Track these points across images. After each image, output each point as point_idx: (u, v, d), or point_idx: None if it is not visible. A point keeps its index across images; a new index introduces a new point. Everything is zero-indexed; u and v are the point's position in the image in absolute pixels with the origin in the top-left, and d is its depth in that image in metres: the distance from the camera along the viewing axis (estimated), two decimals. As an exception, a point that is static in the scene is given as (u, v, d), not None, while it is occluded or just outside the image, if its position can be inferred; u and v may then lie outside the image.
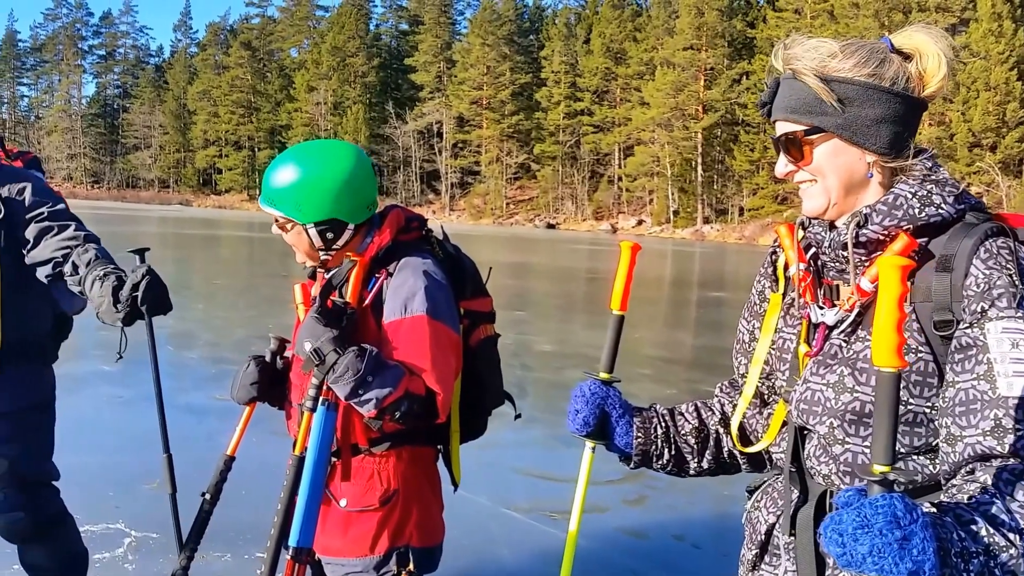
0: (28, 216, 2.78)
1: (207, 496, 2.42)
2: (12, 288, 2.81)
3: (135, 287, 2.58)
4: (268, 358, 2.37)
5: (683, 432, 1.65)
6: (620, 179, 68.28)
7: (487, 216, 72.60)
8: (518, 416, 2.45)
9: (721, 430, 1.65)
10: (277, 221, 2.15)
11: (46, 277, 2.80)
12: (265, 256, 24.90)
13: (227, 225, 44.93)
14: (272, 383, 2.35)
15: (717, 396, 1.70)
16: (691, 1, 62.08)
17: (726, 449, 1.65)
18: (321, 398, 2.05)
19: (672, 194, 62.25)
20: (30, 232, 2.78)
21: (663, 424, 1.65)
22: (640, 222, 64.97)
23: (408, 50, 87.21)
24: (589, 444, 1.70)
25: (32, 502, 2.97)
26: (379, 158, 76.63)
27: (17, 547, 3.05)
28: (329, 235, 2.11)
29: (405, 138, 78.63)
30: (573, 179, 71.56)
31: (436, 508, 2.25)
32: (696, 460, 1.65)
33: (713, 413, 1.67)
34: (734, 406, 1.63)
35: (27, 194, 2.81)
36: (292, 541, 2.02)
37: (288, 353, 2.39)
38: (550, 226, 68.24)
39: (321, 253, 2.15)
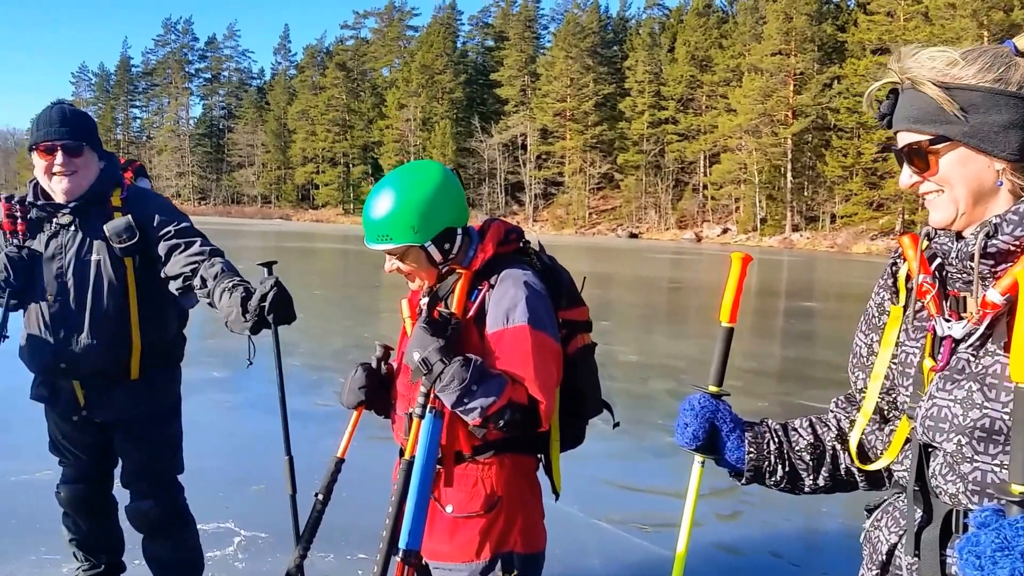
0: (158, 235, 2.97)
1: (319, 497, 2.45)
2: (147, 301, 3.03)
3: (263, 298, 2.70)
4: (374, 364, 2.42)
5: (797, 448, 1.60)
6: (705, 187, 67.39)
7: (569, 226, 72.63)
8: (616, 425, 2.45)
9: (838, 446, 1.60)
10: (392, 255, 2.19)
11: (177, 290, 2.98)
12: (359, 267, 25.47)
13: (323, 238, 46.04)
14: (378, 389, 2.41)
15: (832, 411, 1.64)
16: (779, 7, 60.90)
17: (843, 466, 1.60)
18: (428, 406, 2.09)
19: (759, 201, 61.06)
20: (161, 249, 2.96)
21: (776, 439, 1.61)
22: (725, 230, 63.90)
23: (493, 65, 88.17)
24: (698, 459, 1.67)
25: (161, 494, 3.16)
26: (465, 171, 77.44)
27: (141, 541, 3.24)
28: (446, 245, 2.18)
29: (490, 151, 79.45)
30: (656, 188, 70.90)
31: (538, 515, 2.27)
32: (811, 477, 1.60)
33: (829, 429, 1.61)
34: (851, 422, 1.57)
35: (155, 216, 2.99)
36: (402, 543, 2.05)
37: (394, 363, 2.43)
38: (632, 235, 67.67)
39: (442, 267, 2.20)
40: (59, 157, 2.88)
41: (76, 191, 2.93)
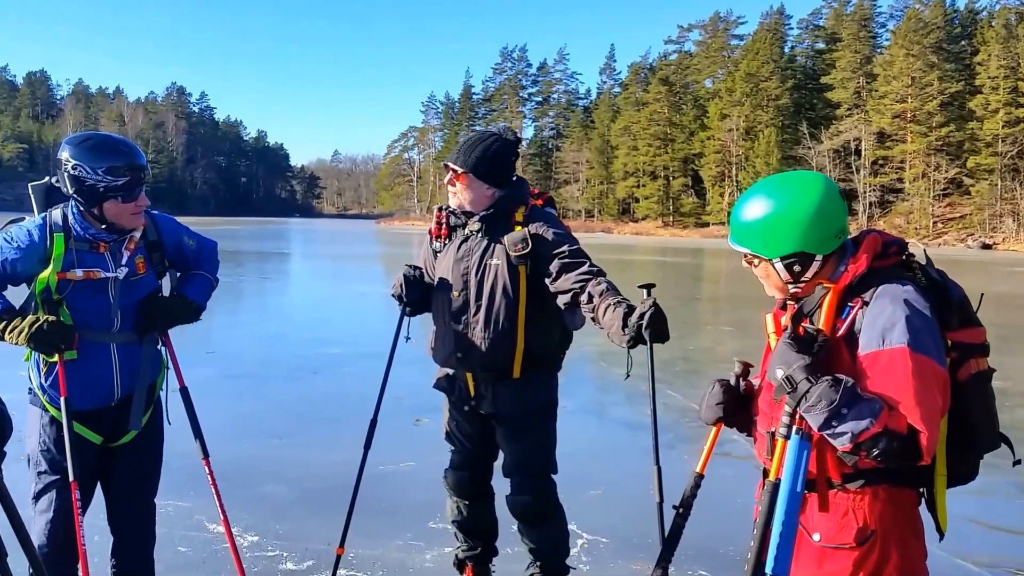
0: (552, 253, 3.25)
1: (680, 510, 2.41)
2: (533, 308, 3.29)
3: (642, 316, 2.85)
4: (732, 381, 2.37)
5: None
6: (1080, 192, 58.45)
7: (910, 236, 66.13)
8: (1017, 462, 2.19)
9: None
10: (746, 257, 2.16)
11: (563, 304, 3.22)
12: (677, 279, 25.39)
13: (642, 250, 46.33)
14: (737, 406, 2.36)
15: None
16: None
17: None
18: (794, 427, 1.99)
19: None
20: (553, 266, 3.23)
21: None
22: (1107, 242, 54.87)
23: (824, 68, 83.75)
24: None
25: (537, 489, 3.38)
26: (791, 181, 74.40)
27: (518, 525, 3.50)
28: (796, 268, 2.07)
29: (819, 158, 75.45)
30: (1015, 194, 62.71)
31: (919, 555, 2.07)
32: None
33: None
34: None
35: (550, 235, 3.29)
36: (768, 569, 1.97)
37: (754, 380, 2.37)
38: (985, 246, 60.32)
39: (790, 286, 2.11)
40: (448, 176, 3.37)
41: (458, 205, 3.37)
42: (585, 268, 3.20)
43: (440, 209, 3.47)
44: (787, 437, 2.00)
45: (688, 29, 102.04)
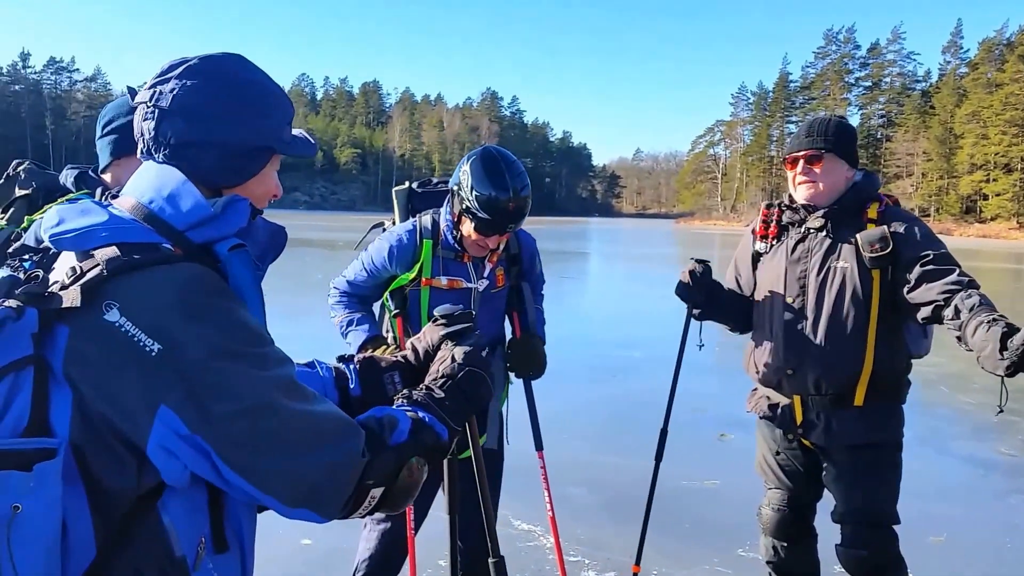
0: (913, 257, 2.76)
1: None
2: (887, 322, 2.86)
3: None
4: None
5: None
6: None
7: None
8: None
9: None
10: None
11: (923, 319, 2.74)
12: None
13: (989, 256, 41.60)
14: None
15: None
16: None
17: None
18: None
19: None
20: (913, 273, 2.75)
21: None
22: None
23: None
24: None
25: (875, 542, 2.92)
26: None
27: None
28: None
29: None
30: None
31: None
32: None
33: None
34: None
35: (917, 235, 2.82)
36: None
37: None
38: None
39: None
40: (799, 167, 2.97)
41: (814, 197, 2.96)
42: (954, 277, 2.68)
43: (769, 206, 3.13)
44: None
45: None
